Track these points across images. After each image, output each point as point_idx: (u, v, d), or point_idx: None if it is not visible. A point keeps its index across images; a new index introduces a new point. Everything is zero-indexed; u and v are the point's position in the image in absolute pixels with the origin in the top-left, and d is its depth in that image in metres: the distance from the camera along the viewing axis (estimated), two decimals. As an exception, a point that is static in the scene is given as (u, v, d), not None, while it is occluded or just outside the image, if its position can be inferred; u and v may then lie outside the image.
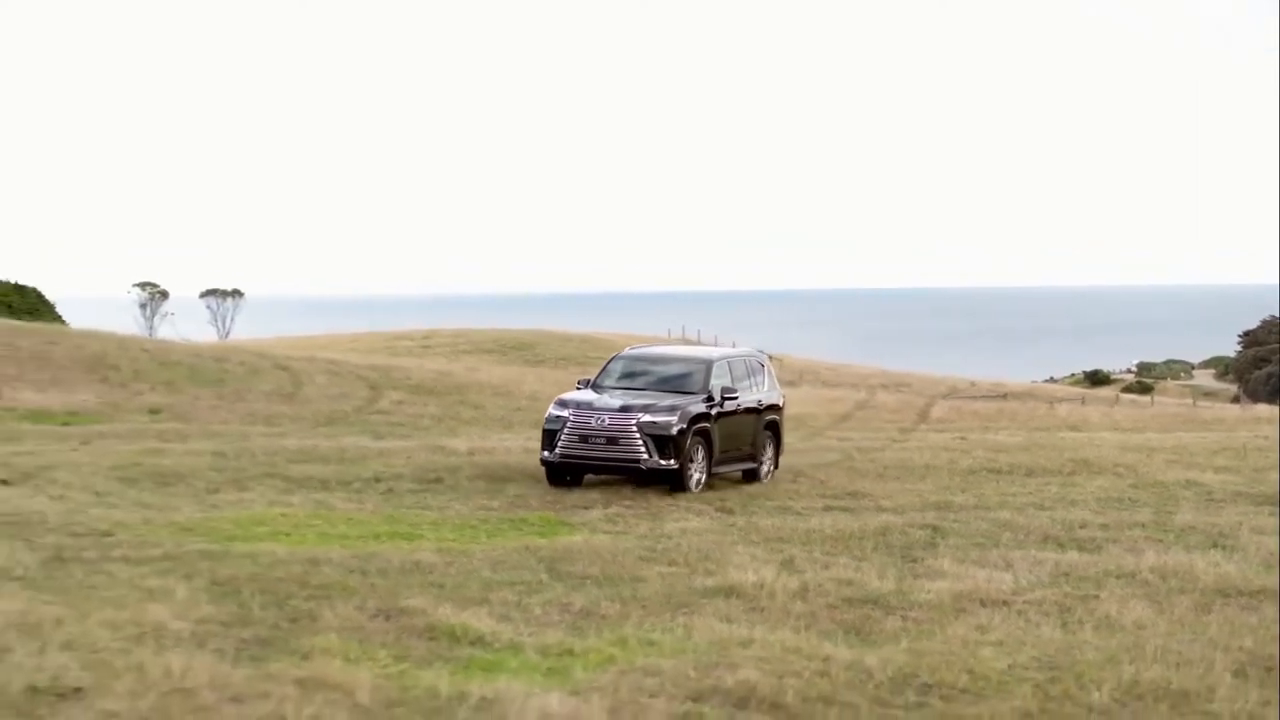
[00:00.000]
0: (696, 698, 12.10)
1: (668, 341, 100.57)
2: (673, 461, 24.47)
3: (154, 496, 23.59)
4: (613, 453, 24.49)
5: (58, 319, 66.45)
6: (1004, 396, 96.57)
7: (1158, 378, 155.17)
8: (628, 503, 24.41)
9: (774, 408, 27.96)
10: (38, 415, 37.02)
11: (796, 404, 53.56)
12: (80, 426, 35.47)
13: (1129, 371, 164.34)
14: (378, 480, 25.72)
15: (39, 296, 69.97)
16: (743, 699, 12.12)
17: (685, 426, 24.71)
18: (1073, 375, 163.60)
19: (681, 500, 24.99)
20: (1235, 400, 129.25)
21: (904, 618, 15.96)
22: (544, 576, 17.68)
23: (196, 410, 39.25)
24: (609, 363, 27.27)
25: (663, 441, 24.41)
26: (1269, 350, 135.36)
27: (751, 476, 27.02)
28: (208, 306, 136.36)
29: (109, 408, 38.81)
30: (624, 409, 24.72)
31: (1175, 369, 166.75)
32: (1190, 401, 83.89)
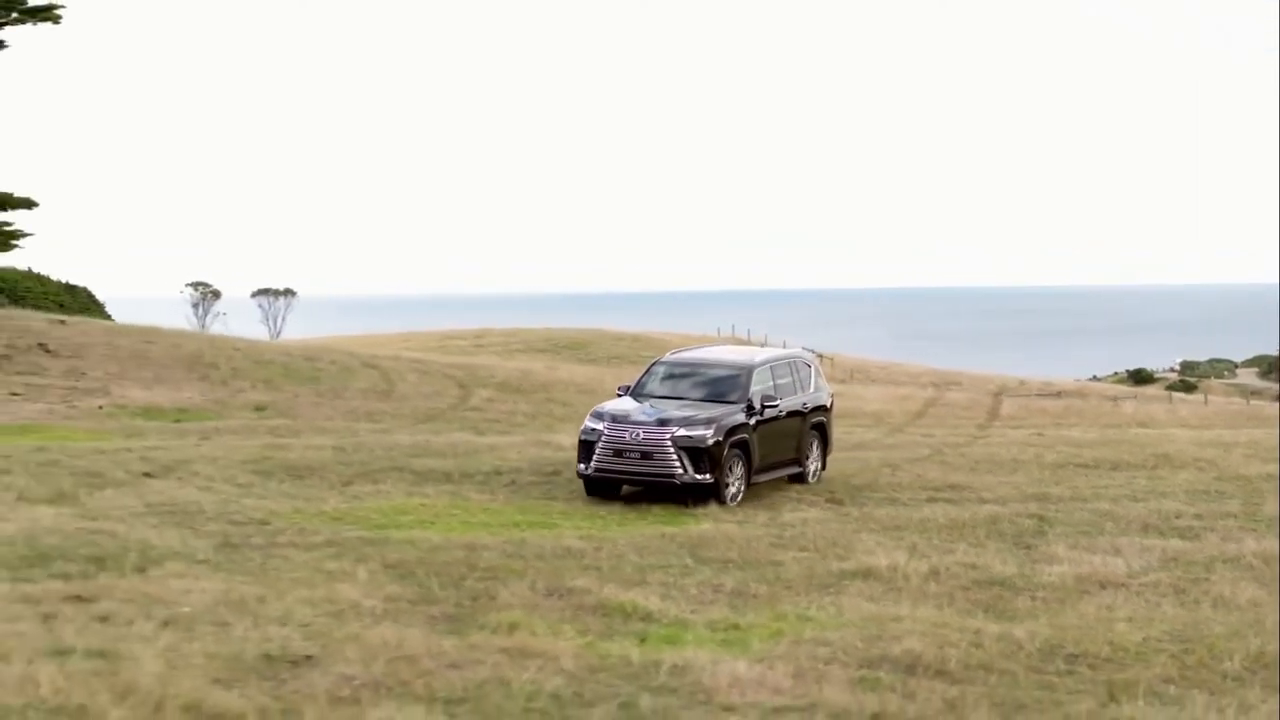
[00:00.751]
0: (868, 665, 13.25)
1: (713, 342, 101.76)
2: (708, 475, 23.67)
3: (294, 488, 24.86)
4: (648, 467, 23.79)
5: (107, 319, 67.40)
6: (1059, 394, 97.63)
7: (1201, 376, 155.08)
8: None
9: (820, 409, 27.34)
10: (149, 412, 38.41)
11: (872, 401, 54.62)
12: (193, 423, 36.82)
13: (1172, 370, 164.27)
14: (498, 473, 26.95)
15: (89, 296, 71.08)
16: (910, 666, 13.27)
17: (721, 439, 23.95)
18: (1115, 374, 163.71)
19: (791, 492, 26.14)
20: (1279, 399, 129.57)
21: (1032, 598, 17.07)
22: (689, 561, 18.86)
23: (299, 407, 40.58)
24: (649, 368, 26.67)
25: (697, 455, 23.67)
26: None
27: (798, 479, 26.48)
28: (259, 305, 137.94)
29: (215, 405, 40.18)
30: (659, 422, 24.02)
31: (1219, 367, 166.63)
32: (1245, 400, 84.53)
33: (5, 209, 46.59)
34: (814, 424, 26.94)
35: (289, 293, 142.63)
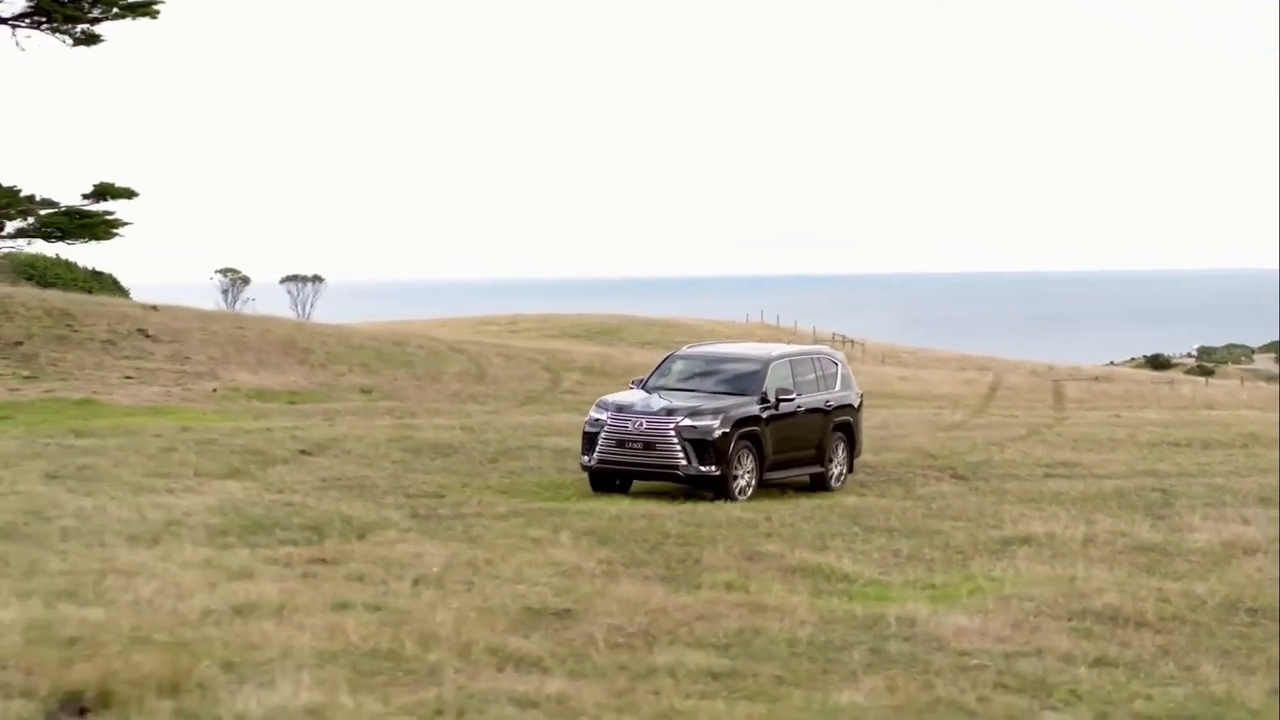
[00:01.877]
0: (1075, 616, 14.55)
1: (743, 330, 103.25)
2: (713, 468, 22.88)
3: (447, 464, 26.25)
4: (650, 458, 23.05)
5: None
6: (1095, 379, 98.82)
7: (1218, 362, 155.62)
8: (866, 473, 26.93)
9: (846, 408, 26.02)
10: (262, 395, 39.83)
11: (939, 384, 55.83)
12: (311, 405, 38.24)
13: (1189, 355, 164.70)
14: None
15: (114, 282, 72.02)
16: (1112, 618, 14.57)
17: (728, 430, 23.06)
18: (1133, 359, 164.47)
19: (915, 468, 27.45)
20: None
21: (1188, 561, 18.36)
22: (857, 529, 20.19)
23: (403, 390, 41.99)
24: (662, 362, 25.86)
25: (703, 446, 22.86)
26: None
27: (819, 482, 25.20)
28: (288, 292, 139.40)
29: (322, 388, 41.59)
30: (663, 411, 23.30)
31: (1236, 353, 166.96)
32: (1267, 384, 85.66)
33: (106, 198, 47.96)
34: (838, 424, 25.60)
35: (317, 279, 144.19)
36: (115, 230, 48.39)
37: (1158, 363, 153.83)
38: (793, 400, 24.30)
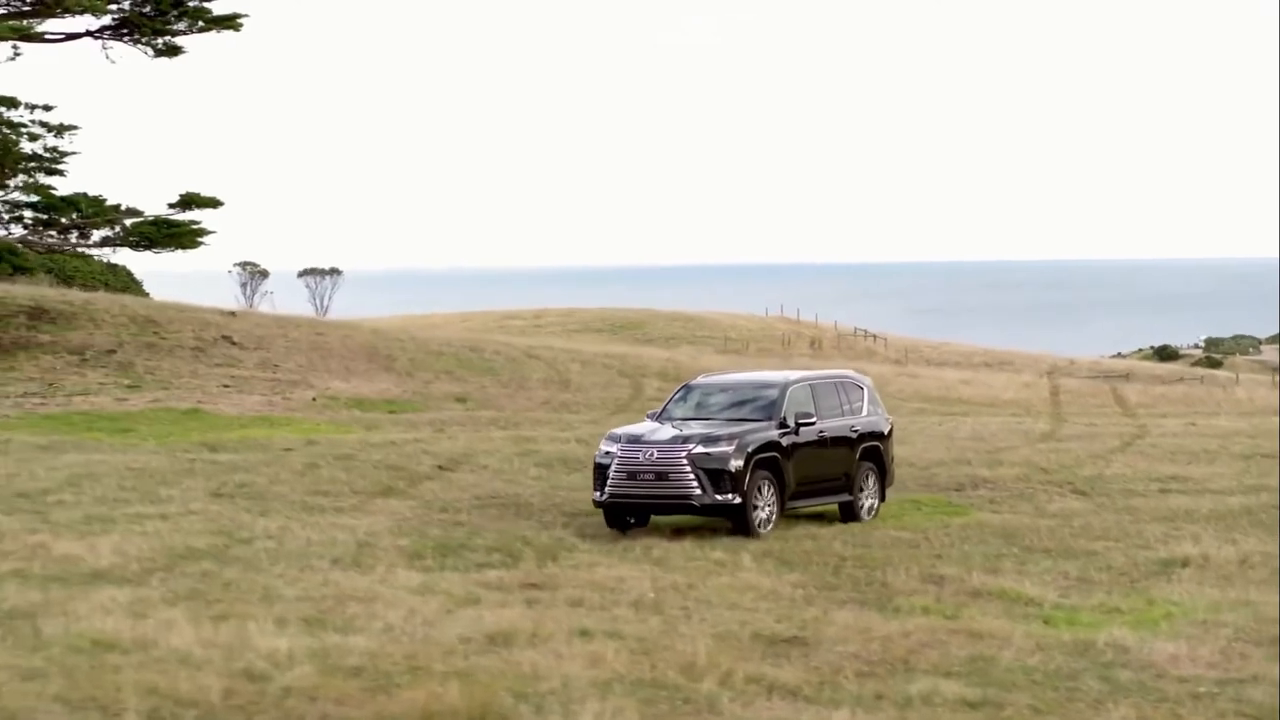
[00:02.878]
0: (1271, 642, 15.34)
1: (762, 326, 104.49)
2: (731, 496, 21.59)
3: (584, 478, 27.06)
4: (663, 489, 21.77)
5: (145, 295, 66.96)
6: (1126, 377, 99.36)
7: (1226, 353, 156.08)
8: (989, 488, 27.74)
9: (874, 435, 24.62)
10: (361, 404, 40.70)
11: (1003, 389, 56.60)
12: (411, 414, 39.11)
13: (1196, 346, 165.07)
14: None
15: (129, 275, 72.25)
16: (1312, 644, 15.36)
17: (745, 458, 21.79)
18: (1140, 350, 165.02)
19: (1035, 484, 28.24)
20: None
21: (1349, 580, 19.14)
22: (1014, 550, 21.02)
23: (495, 399, 42.86)
24: (675, 393, 24.79)
25: (718, 475, 21.59)
26: None
27: (848, 513, 23.94)
28: (306, 285, 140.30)
29: (416, 397, 42.46)
30: (675, 440, 22.12)
31: (1243, 344, 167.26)
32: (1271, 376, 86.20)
33: (193, 208, 48.84)
34: (867, 451, 24.30)
35: (335, 272, 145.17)
36: (200, 239, 49.29)
37: (1165, 354, 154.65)
38: (814, 425, 23.07)
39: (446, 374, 47.03)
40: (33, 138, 45.29)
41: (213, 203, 48.92)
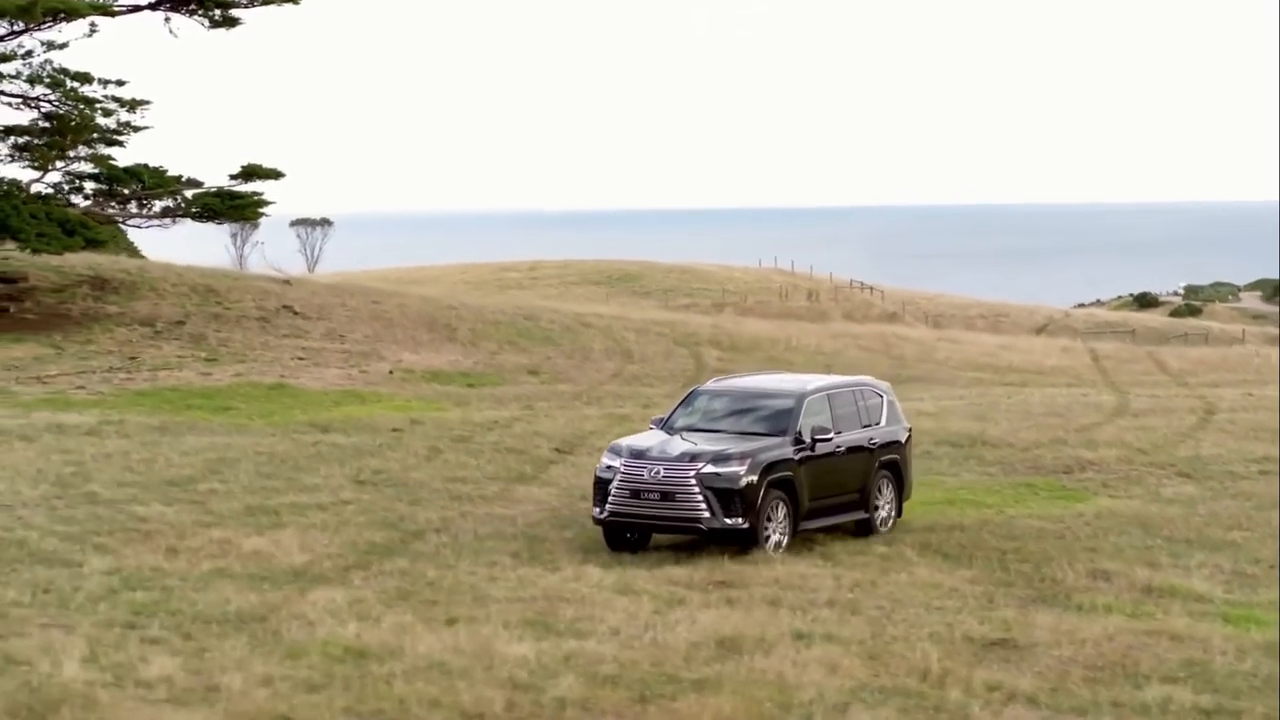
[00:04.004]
0: None
1: (766, 281, 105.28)
2: (740, 520, 20.11)
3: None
4: (669, 510, 20.32)
5: (140, 257, 66.22)
6: (1133, 332, 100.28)
7: (1205, 300, 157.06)
8: (1094, 470, 28.38)
9: (893, 445, 23.05)
10: (438, 377, 41.21)
11: (1045, 356, 57.20)
12: (489, 388, 39.63)
13: (1175, 294, 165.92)
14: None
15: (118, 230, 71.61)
16: None
17: (757, 478, 20.31)
18: (1119, 297, 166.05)
19: (1137, 465, 28.84)
20: None
21: None
22: (1157, 541, 21.71)
23: (566, 371, 43.40)
24: (684, 399, 23.05)
25: (728, 496, 20.13)
26: None
27: (864, 528, 22.24)
28: (297, 235, 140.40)
29: (488, 369, 42.97)
30: (683, 457, 20.55)
31: (1222, 291, 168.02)
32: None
33: (254, 179, 49.22)
34: (884, 463, 22.74)
35: (325, 222, 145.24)
36: (262, 211, 49.71)
37: (1145, 301, 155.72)
38: (830, 440, 21.52)
39: (509, 344, 47.52)
40: (106, 113, 45.60)
41: (274, 174, 49.30)
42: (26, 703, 13.03)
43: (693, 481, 20.24)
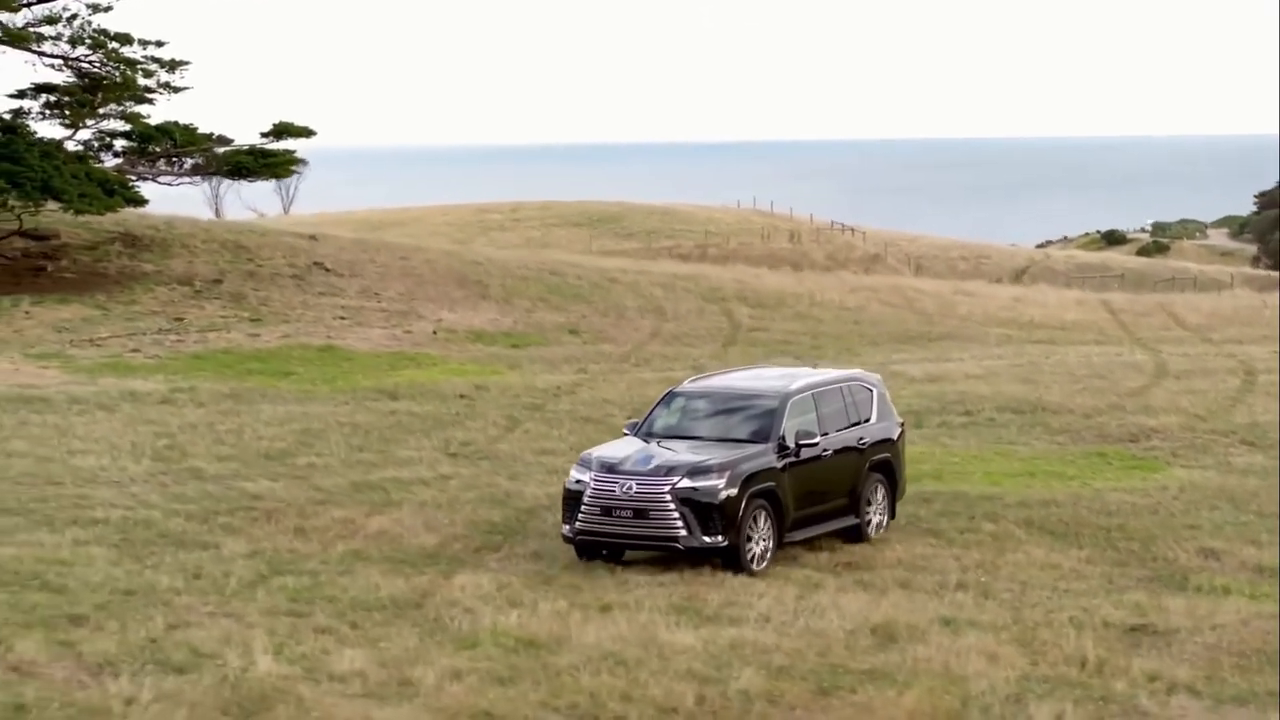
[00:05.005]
0: None
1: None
2: (719, 538, 18.58)
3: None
4: (643, 528, 18.84)
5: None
6: (1121, 276, 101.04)
7: (1173, 237, 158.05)
8: (1160, 438, 28.90)
9: (884, 444, 21.55)
10: (481, 337, 41.54)
11: (1062, 309, 57.66)
12: (536, 349, 39.98)
13: (1143, 230, 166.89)
14: (967, 413, 30.31)
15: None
16: None
17: (737, 491, 18.77)
18: (1086, 234, 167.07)
19: (1200, 434, 29.29)
20: (1255, 262, 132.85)
21: None
22: (1251, 517, 22.19)
23: (604, 330, 43.73)
24: (660, 400, 21.36)
25: (706, 512, 18.62)
26: None
27: (854, 537, 20.64)
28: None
29: (530, 329, 43.29)
30: (657, 471, 18.99)
31: (1190, 228, 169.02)
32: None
33: (285, 137, 49.38)
34: (875, 463, 21.22)
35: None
36: (293, 168, 49.87)
37: (1112, 238, 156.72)
38: (816, 444, 19.93)
39: (542, 301, 47.81)
40: (147, 73, 45.63)
41: (305, 132, 49.47)
42: (233, 699, 13.43)
43: (667, 497, 18.72)
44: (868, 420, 21.42)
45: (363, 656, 14.62)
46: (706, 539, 18.64)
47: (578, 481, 19.24)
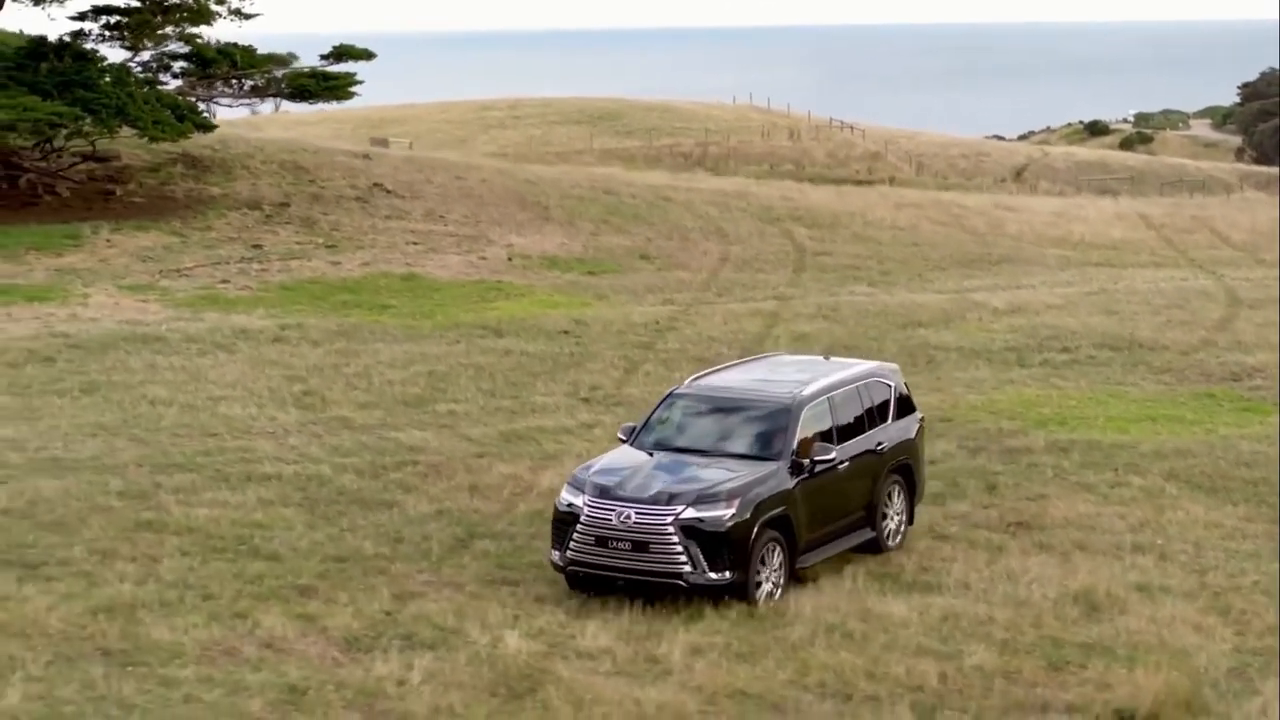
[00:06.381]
0: None
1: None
2: (728, 574, 16.65)
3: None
4: (642, 562, 16.77)
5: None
6: (1131, 178, 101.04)
7: (1156, 128, 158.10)
8: (1261, 377, 29.38)
9: (904, 445, 19.59)
10: (555, 263, 41.77)
11: (1106, 226, 57.99)
12: (612, 276, 40.24)
13: (1125, 121, 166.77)
14: (1065, 350, 30.81)
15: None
16: None
17: (748, 518, 16.86)
18: (1070, 125, 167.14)
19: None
20: (1239, 154, 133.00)
21: None
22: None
23: (673, 255, 43.90)
24: (660, 403, 19.26)
25: (714, 544, 16.68)
26: (1272, 103, 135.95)
27: (870, 547, 18.84)
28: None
29: (600, 254, 43.50)
30: (659, 497, 16.95)
31: (1173, 119, 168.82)
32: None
33: (344, 60, 49.35)
34: (895, 468, 19.32)
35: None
36: (353, 90, 49.92)
37: (1095, 129, 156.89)
38: (832, 456, 18.01)
39: (604, 223, 47.97)
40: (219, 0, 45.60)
41: (365, 54, 49.47)
42: (499, 680, 14.00)
43: (671, 528, 16.65)
44: (886, 421, 19.38)
45: (603, 632, 15.18)
46: (713, 575, 16.56)
47: (569, 505, 17.07)
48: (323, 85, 48.22)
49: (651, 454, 17.91)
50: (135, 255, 38.94)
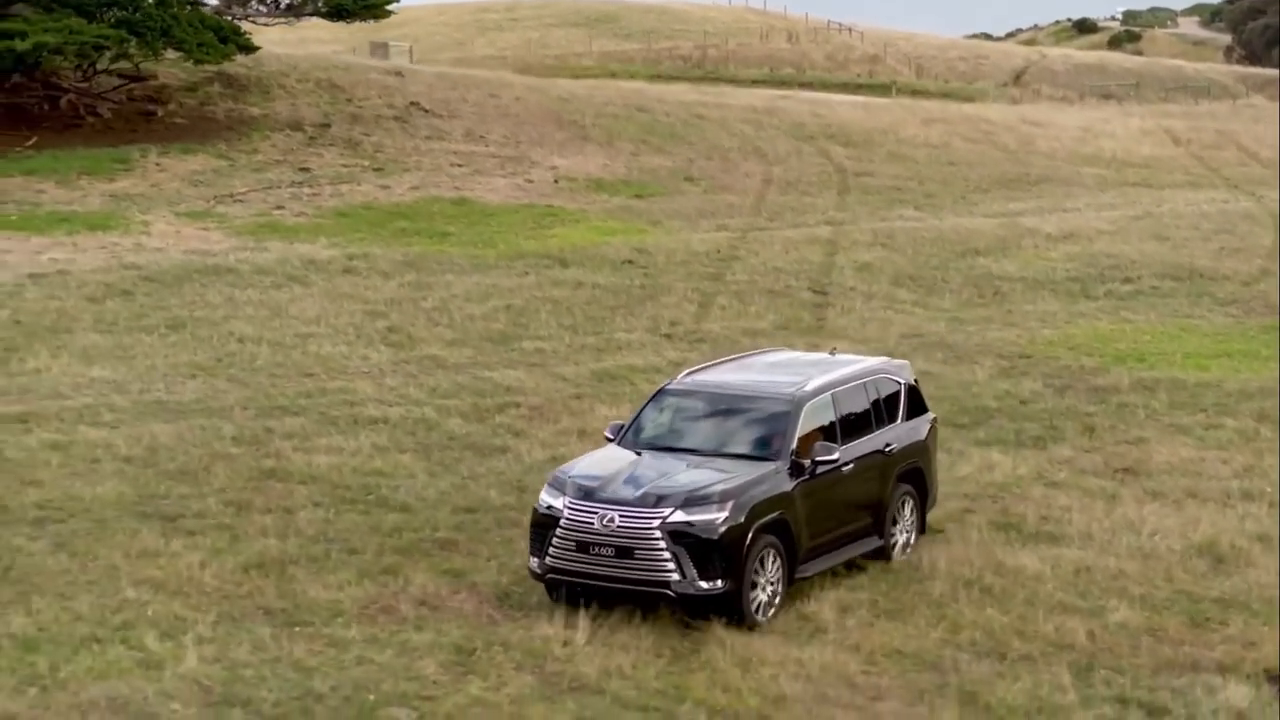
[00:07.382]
0: None
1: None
2: (718, 583, 15.18)
3: (973, 310, 28.79)
4: (627, 570, 15.36)
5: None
6: (1136, 84, 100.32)
7: (1145, 26, 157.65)
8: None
9: (914, 447, 18.12)
10: (601, 186, 41.78)
11: (1132, 142, 58.00)
12: (660, 200, 40.19)
13: (1113, 18, 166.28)
14: (1128, 280, 31.05)
15: None
16: None
17: (742, 521, 15.41)
18: (1058, 23, 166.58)
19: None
20: (1228, 53, 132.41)
21: None
22: None
23: (717, 178, 43.84)
24: (650, 399, 17.71)
25: (704, 551, 15.25)
26: (1261, 0, 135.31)
27: (877, 556, 17.24)
28: None
29: (644, 176, 43.45)
30: (645, 499, 15.53)
31: (1161, 16, 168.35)
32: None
33: (376, -24, 49.06)
34: (904, 472, 17.82)
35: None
36: (390, 9, 49.71)
37: (1084, 27, 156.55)
38: (835, 458, 16.49)
39: (643, 143, 47.91)
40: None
41: (395, -30, 49.10)
42: (660, 640, 14.32)
43: (657, 534, 15.23)
44: (895, 420, 17.90)
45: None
46: (704, 584, 15.09)
47: (549, 507, 15.67)
48: (360, 4, 47.88)
49: (639, 453, 16.46)
50: (186, 179, 38.94)
